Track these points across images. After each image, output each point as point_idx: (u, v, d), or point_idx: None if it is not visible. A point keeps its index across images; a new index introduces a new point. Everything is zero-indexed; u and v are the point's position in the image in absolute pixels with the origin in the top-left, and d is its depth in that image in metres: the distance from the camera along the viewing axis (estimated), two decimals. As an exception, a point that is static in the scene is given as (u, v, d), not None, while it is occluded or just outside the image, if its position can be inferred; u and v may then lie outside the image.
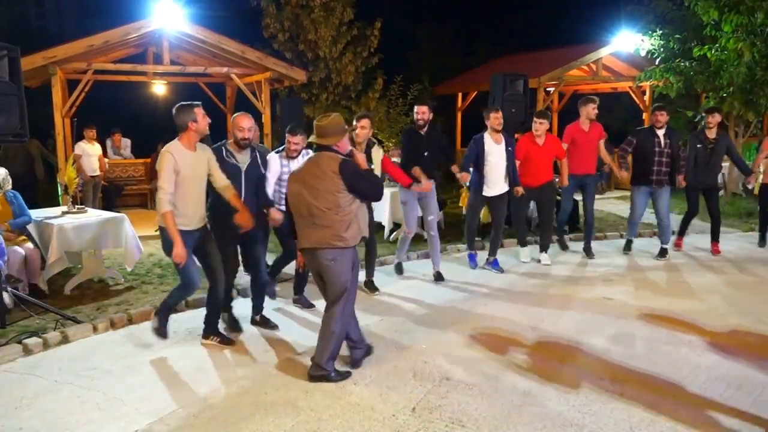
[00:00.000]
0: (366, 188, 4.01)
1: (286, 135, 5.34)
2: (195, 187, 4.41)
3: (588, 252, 7.49)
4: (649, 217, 8.47)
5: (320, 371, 4.05)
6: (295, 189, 4.05)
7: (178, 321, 5.15)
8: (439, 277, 6.46)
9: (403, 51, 19.82)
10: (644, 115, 13.33)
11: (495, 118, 6.59)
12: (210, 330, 4.75)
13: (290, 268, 5.87)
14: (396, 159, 8.87)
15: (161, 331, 4.59)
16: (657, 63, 10.88)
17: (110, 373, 4.21)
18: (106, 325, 4.98)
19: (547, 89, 12.69)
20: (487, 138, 6.63)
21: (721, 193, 7.87)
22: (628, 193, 11.44)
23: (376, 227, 6.55)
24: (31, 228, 5.96)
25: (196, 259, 4.55)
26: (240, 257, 5.30)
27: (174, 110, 4.37)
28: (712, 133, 7.40)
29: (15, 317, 5.09)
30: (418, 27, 20.87)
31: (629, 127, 7.67)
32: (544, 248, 7.20)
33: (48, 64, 8.03)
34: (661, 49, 10.72)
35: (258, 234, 4.95)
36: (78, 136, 9.54)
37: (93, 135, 9.57)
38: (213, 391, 3.95)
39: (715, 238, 7.64)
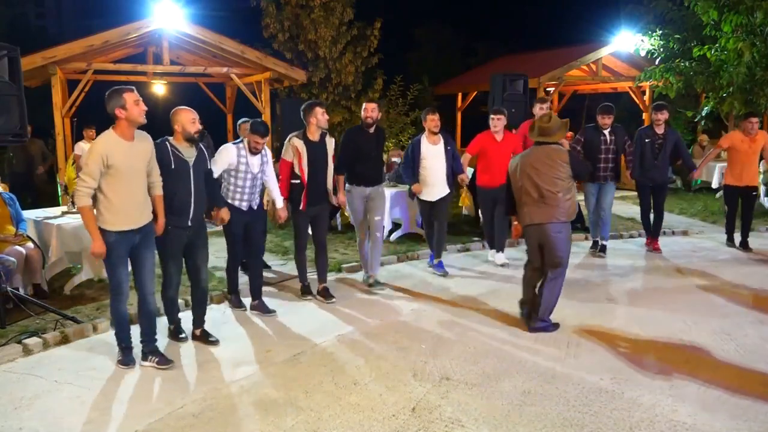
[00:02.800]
0: (584, 172, 5.03)
1: (251, 134, 5.16)
2: (133, 181, 4.06)
3: None
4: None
5: (541, 323, 4.87)
6: (524, 174, 4.81)
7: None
8: (375, 284, 6.12)
9: (403, 51, 19.85)
10: (644, 115, 13.34)
11: (431, 120, 6.39)
12: (148, 348, 4.36)
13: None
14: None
15: (125, 360, 4.27)
16: (657, 63, 10.88)
17: (110, 373, 4.20)
18: (106, 325, 4.97)
19: (547, 89, 12.69)
20: (424, 140, 6.45)
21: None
22: (625, 193, 11.54)
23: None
24: (30, 228, 5.97)
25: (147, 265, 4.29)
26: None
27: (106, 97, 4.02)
28: (660, 129, 7.40)
29: (15, 317, 5.09)
30: (418, 27, 20.90)
31: (630, 128, 7.71)
32: (500, 248, 7.08)
33: (48, 64, 8.03)
34: (661, 49, 10.72)
35: (202, 238, 4.67)
36: (78, 136, 9.55)
37: (93, 135, 9.55)
38: (213, 391, 3.95)
39: (656, 234, 7.76)
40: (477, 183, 7.10)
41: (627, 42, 11.54)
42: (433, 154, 6.42)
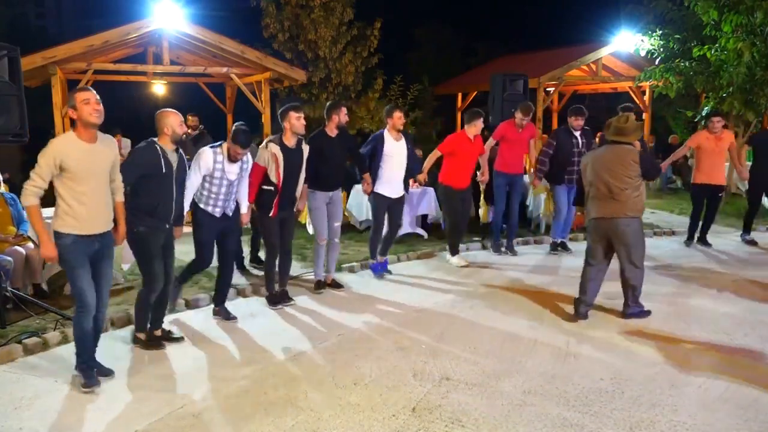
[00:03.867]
0: (653, 172, 5.18)
1: (232, 144, 4.88)
2: (93, 184, 3.83)
3: (511, 250, 7.58)
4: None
5: (638, 307, 5.20)
6: (596, 171, 5.06)
7: (177, 322, 5.16)
8: (335, 285, 6.16)
9: (403, 51, 19.86)
10: (644, 115, 13.34)
11: (399, 118, 6.30)
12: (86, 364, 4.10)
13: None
14: None
15: (89, 383, 3.92)
16: (657, 63, 10.88)
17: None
18: (106, 325, 4.97)
19: (547, 89, 12.68)
20: (387, 136, 6.31)
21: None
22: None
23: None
24: (31, 228, 5.96)
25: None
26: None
27: None
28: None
29: (15, 317, 5.09)
30: (418, 27, 20.90)
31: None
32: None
33: (48, 64, 8.02)
34: (661, 49, 10.72)
35: (171, 239, 4.60)
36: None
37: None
38: (213, 391, 3.95)
39: None
40: (443, 182, 6.94)
41: (627, 42, 11.53)
42: (397, 151, 6.35)
